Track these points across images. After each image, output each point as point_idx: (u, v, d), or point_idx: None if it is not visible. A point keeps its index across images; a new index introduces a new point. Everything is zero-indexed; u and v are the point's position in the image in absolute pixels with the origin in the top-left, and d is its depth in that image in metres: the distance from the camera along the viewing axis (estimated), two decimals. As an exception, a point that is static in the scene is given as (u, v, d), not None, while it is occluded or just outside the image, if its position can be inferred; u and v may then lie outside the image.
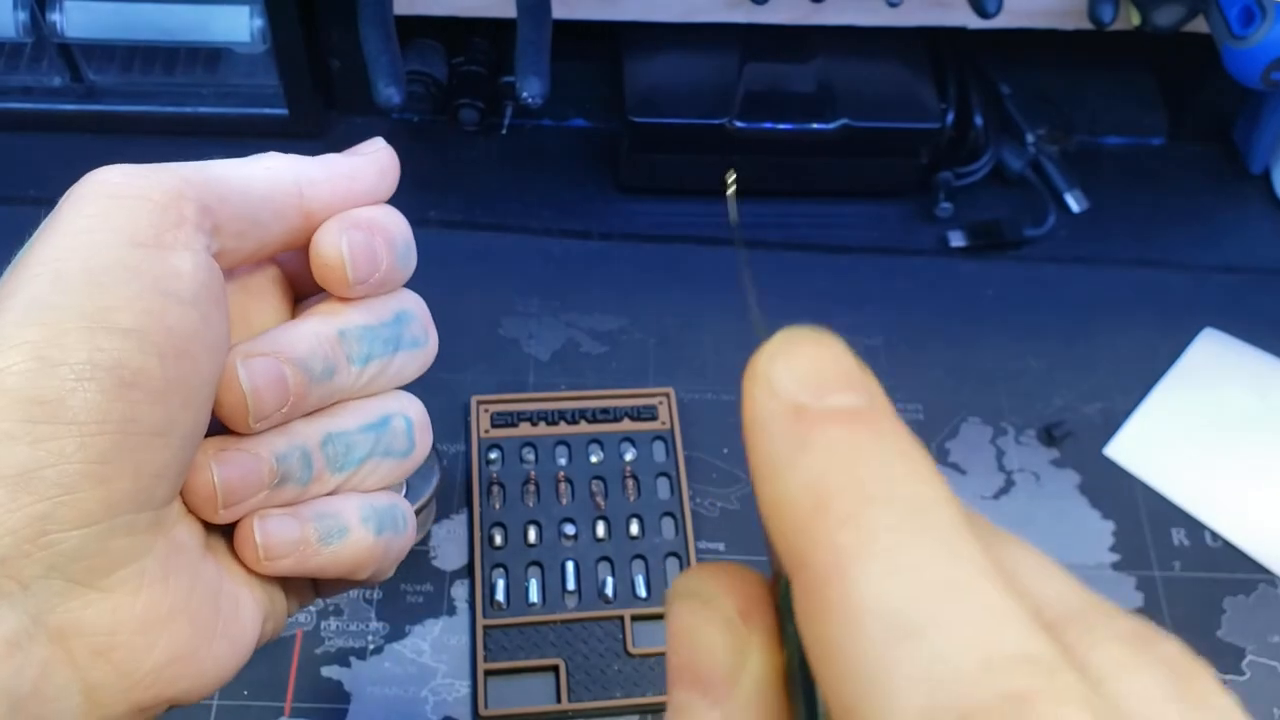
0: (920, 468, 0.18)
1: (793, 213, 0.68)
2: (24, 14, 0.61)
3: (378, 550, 0.30)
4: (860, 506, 0.17)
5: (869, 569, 0.16)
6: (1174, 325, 0.63)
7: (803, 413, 0.19)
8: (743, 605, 0.20)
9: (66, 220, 0.26)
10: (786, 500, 0.18)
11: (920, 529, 0.17)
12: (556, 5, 0.56)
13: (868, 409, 0.19)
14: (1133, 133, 0.72)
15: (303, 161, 0.31)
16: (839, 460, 0.18)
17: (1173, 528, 0.56)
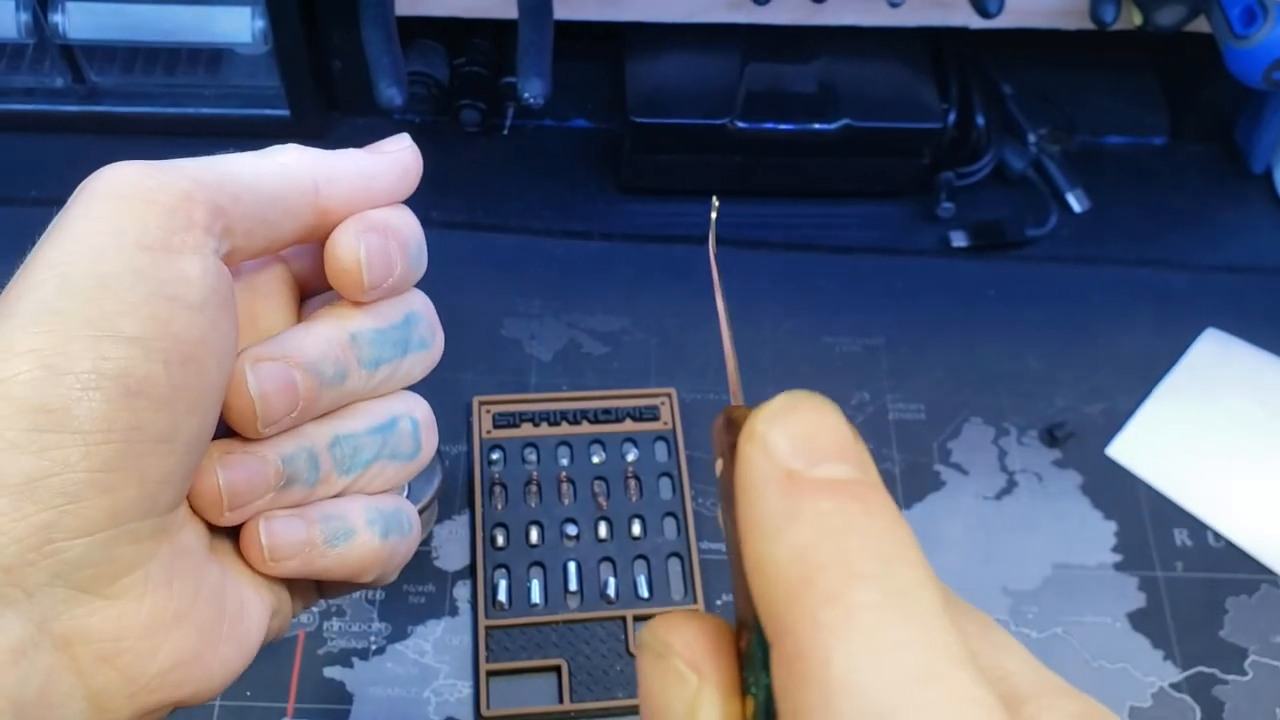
0: (906, 548, 0.18)
1: (794, 213, 0.68)
2: (26, 15, 0.61)
3: (383, 553, 0.30)
4: (845, 584, 0.18)
5: (849, 648, 0.17)
6: (1176, 325, 0.63)
7: (795, 479, 0.19)
8: (695, 657, 0.20)
9: (74, 222, 0.25)
10: (774, 567, 0.18)
11: (902, 612, 0.17)
12: (558, 6, 0.56)
13: (859, 482, 0.19)
14: (1134, 133, 0.72)
15: (321, 158, 0.30)
16: (828, 534, 0.18)
17: (1175, 528, 0.56)
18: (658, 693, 0.20)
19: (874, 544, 0.18)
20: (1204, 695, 0.52)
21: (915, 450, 0.58)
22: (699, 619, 0.21)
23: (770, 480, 0.19)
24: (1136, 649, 0.53)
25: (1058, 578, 0.55)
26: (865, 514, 0.19)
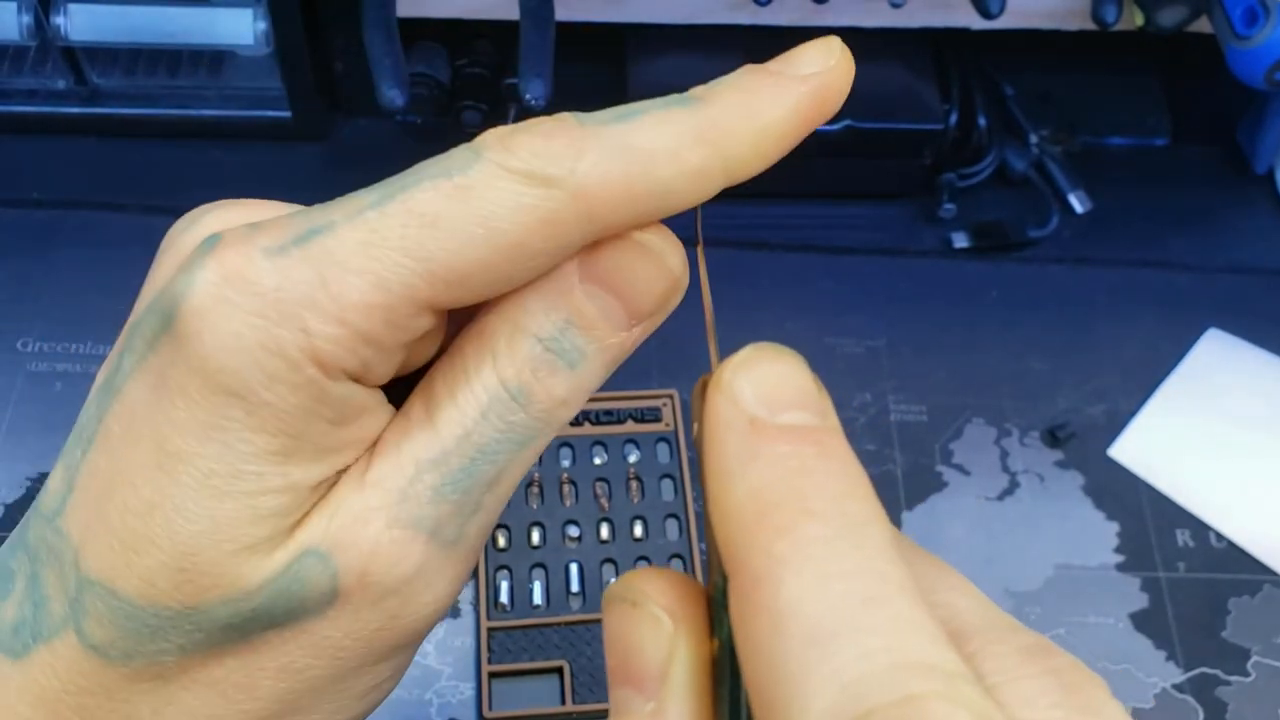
0: (858, 487, 0.19)
1: (795, 214, 0.68)
2: (28, 17, 0.61)
3: None
4: (797, 519, 0.18)
5: (798, 577, 0.18)
6: (1178, 326, 0.63)
7: (757, 425, 0.20)
8: (670, 604, 0.21)
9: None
10: (732, 506, 0.19)
11: (850, 545, 0.18)
12: (559, 7, 0.56)
13: (818, 428, 0.20)
14: (1136, 133, 0.72)
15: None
16: (783, 474, 0.19)
17: (1177, 529, 0.56)
18: (632, 639, 0.21)
19: (827, 483, 0.19)
20: (1207, 696, 0.51)
21: (917, 451, 0.58)
22: (669, 573, 0.22)
23: (733, 426, 0.20)
24: (1139, 650, 0.53)
25: (1060, 578, 0.55)
26: (820, 456, 0.19)
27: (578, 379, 0.24)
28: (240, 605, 0.22)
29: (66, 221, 0.63)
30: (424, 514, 0.23)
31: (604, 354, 0.24)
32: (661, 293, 0.25)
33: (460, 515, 0.23)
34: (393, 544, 0.22)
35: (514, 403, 0.23)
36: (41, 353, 0.58)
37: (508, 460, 0.24)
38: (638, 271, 0.24)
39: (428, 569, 0.23)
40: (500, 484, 0.24)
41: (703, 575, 0.53)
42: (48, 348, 0.58)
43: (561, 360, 0.23)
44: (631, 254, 0.24)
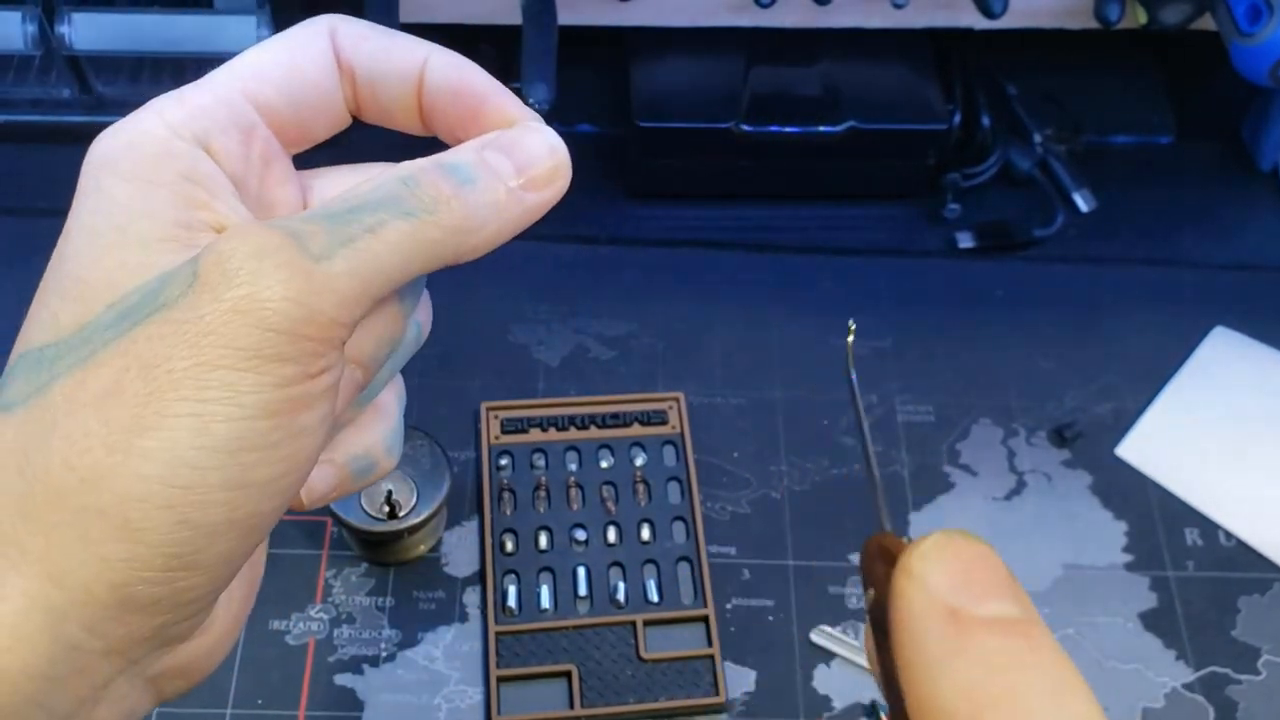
0: (1075, 683, 0.18)
1: (800, 215, 0.68)
2: (32, 27, 0.61)
3: (392, 465, 0.32)
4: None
5: None
6: (1184, 324, 0.63)
7: (958, 616, 0.19)
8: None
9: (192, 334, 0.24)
10: (942, 702, 0.18)
11: None
12: (562, 11, 0.56)
13: (1023, 619, 0.20)
14: (1140, 131, 0.72)
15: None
16: (995, 670, 0.18)
17: (1186, 527, 0.56)
18: None
19: (1043, 680, 0.18)
20: (1217, 695, 0.51)
21: (924, 452, 0.58)
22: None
23: (931, 617, 0.19)
24: (1149, 649, 0.53)
25: (1069, 578, 0.55)
26: (1031, 650, 0.19)
27: (467, 191, 0.27)
28: (115, 306, 0.24)
29: (72, 230, 0.63)
30: (290, 225, 0.25)
31: (493, 191, 0.27)
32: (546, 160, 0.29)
33: (329, 236, 0.25)
34: (253, 232, 0.24)
35: (401, 184, 0.26)
36: (48, 361, 0.58)
37: (388, 217, 0.25)
38: (521, 138, 0.29)
39: (286, 260, 0.24)
40: (379, 236, 0.25)
41: (712, 589, 0.53)
42: (54, 356, 0.58)
43: (454, 174, 0.27)
44: (518, 130, 0.29)
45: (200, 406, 0.23)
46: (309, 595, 0.52)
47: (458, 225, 0.27)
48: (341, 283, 0.24)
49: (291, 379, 0.24)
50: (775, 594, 0.53)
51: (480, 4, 0.61)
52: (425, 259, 0.26)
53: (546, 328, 0.61)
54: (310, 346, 0.24)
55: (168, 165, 0.26)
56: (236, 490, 0.23)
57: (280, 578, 0.52)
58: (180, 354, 0.23)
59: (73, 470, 0.23)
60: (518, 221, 0.28)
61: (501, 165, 0.28)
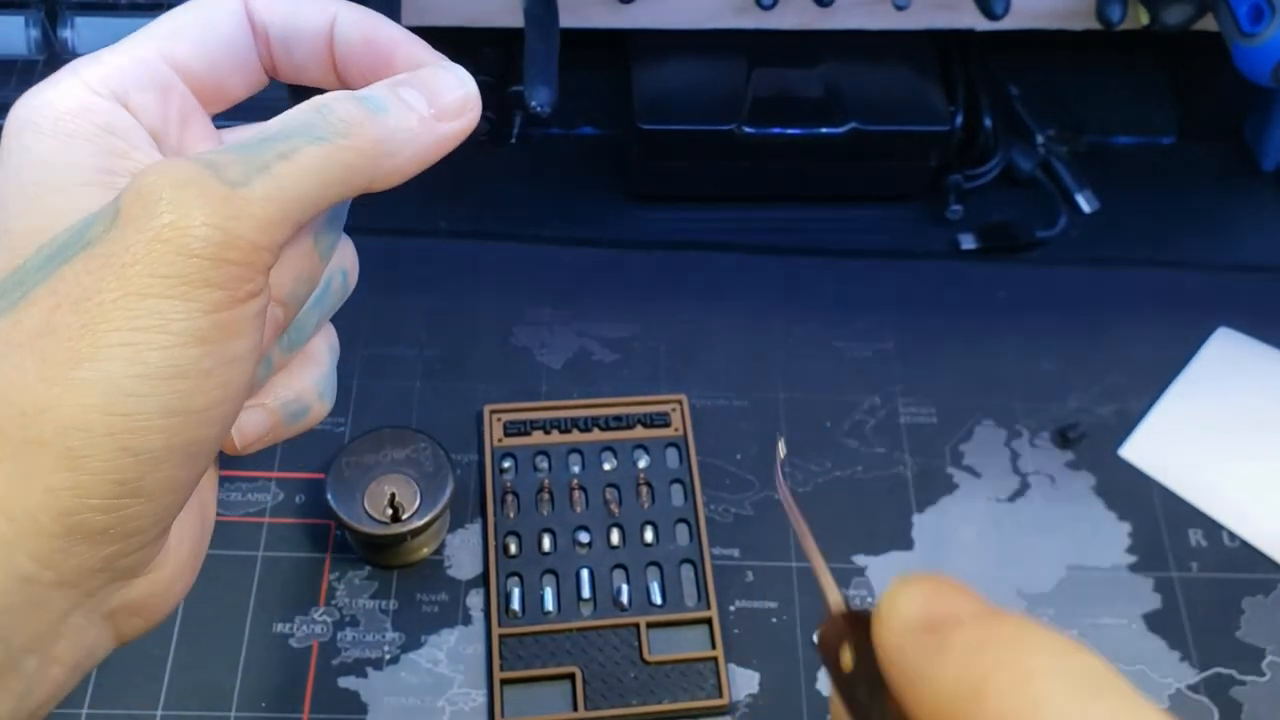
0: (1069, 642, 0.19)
1: (802, 217, 0.68)
2: (36, 31, 0.61)
3: (327, 409, 0.33)
4: (1023, 679, 0.18)
5: None
6: (1187, 325, 0.63)
7: (935, 621, 0.20)
8: None
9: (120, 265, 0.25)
10: (940, 695, 0.18)
11: (1091, 689, 0.18)
12: (564, 14, 0.56)
13: (998, 611, 0.20)
14: (1143, 132, 0.72)
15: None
16: (985, 646, 0.19)
17: (1190, 528, 0.56)
18: None
19: (1034, 641, 0.18)
20: (1222, 697, 0.51)
21: (927, 454, 0.58)
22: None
23: (911, 636, 0.20)
24: (1153, 651, 0.53)
25: (1072, 580, 0.54)
26: (1015, 625, 0.19)
27: (380, 117, 0.28)
28: (44, 250, 0.25)
29: (75, 234, 0.63)
30: (206, 157, 0.25)
31: (406, 118, 0.28)
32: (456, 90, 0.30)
33: (244, 164, 0.25)
34: (171, 165, 0.25)
35: (314, 111, 0.27)
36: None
37: (301, 142, 0.26)
38: (432, 74, 0.30)
39: (203, 188, 0.24)
40: (293, 161, 0.26)
41: (715, 591, 0.53)
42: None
43: (367, 102, 0.28)
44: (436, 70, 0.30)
45: (132, 335, 0.23)
46: (312, 598, 0.52)
47: (372, 148, 0.27)
48: (259, 207, 0.25)
49: (219, 304, 0.24)
50: (779, 596, 0.53)
51: (482, 6, 0.61)
52: (342, 183, 0.27)
53: (549, 330, 0.61)
54: (235, 271, 0.24)
55: (85, 119, 0.27)
56: (174, 417, 0.24)
57: (283, 581, 0.52)
58: (109, 286, 0.23)
59: (11, 405, 0.23)
60: (432, 149, 0.29)
61: (412, 97, 0.29)
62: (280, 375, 0.31)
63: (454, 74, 0.30)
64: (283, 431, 0.31)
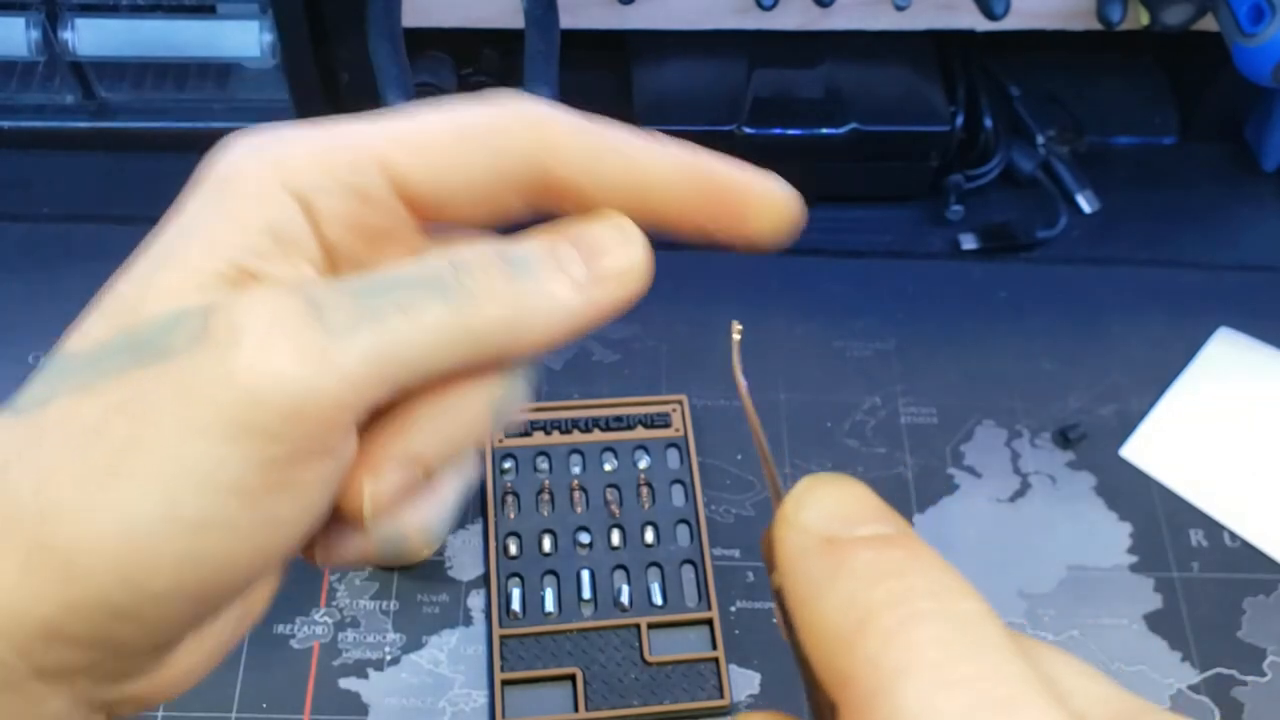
0: (960, 583, 0.18)
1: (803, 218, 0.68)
2: (36, 33, 0.61)
3: (429, 554, 0.31)
4: (904, 622, 0.17)
5: (917, 684, 0.17)
6: (1188, 325, 0.63)
7: (834, 542, 0.19)
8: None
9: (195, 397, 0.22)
10: (827, 622, 0.18)
11: (967, 644, 0.17)
12: (564, 15, 0.56)
13: (898, 534, 0.19)
14: (1144, 132, 0.72)
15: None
16: (878, 579, 0.18)
17: (1191, 528, 0.56)
18: None
19: (924, 582, 0.18)
20: (1223, 697, 0.51)
21: (927, 454, 0.58)
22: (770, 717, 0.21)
23: (809, 551, 0.19)
24: (1154, 651, 0.53)
25: (1073, 580, 0.54)
26: (911, 557, 0.19)
27: (518, 283, 0.24)
28: (129, 334, 0.23)
29: (75, 235, 0.63)
30: (316, 293, 0.23)
31: (553, 283, 0.25)
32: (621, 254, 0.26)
33: (354, 310, 0.23)
34: (273, 295, 0.23)
35: (447, 264, 0.24)
36: (53, 366, 0.58)
37: (424, 300, 0.23)
38: (598, 233, 0.26)
39: (297, 330, 0.22)
40: (409, 317, 0.23)
41: (716, 592, 0.53)
42: (59, 361, 0.59)
43: (507, 263, 0.24)
44: (599, 224, 0.26)
45: (172, 471, 0.22)
46: (313, 599, 0.52)
47: (504, 317, 0.24)
48: (355, 363, 0.22)
49: (276, 461, 0.22)
50: (779, 596, 0.53)
51: (483, 8, 0.61)
52: (464, 352, 0.24)
53: (550, 331, 0.61)
54: (306, 429, 0.22)
55: (254, 210, 0.24)
56: (188, 563, 0.22)
57: (285, 582, 0.52)
58: (169, 409, 0.22)
59: (36, 497, 0.22)
60: (581, 321, 0.25)
61: (568, 256, 0.25)
62: None
63: (621, 229, 0.26)
64: (372, 558, 0.27)
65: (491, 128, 0.25)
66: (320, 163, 0.25)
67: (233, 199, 0.25)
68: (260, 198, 0.24)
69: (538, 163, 0.25)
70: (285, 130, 0.25)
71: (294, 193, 0.24)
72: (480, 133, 0.25)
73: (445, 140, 0.25)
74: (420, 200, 0.25)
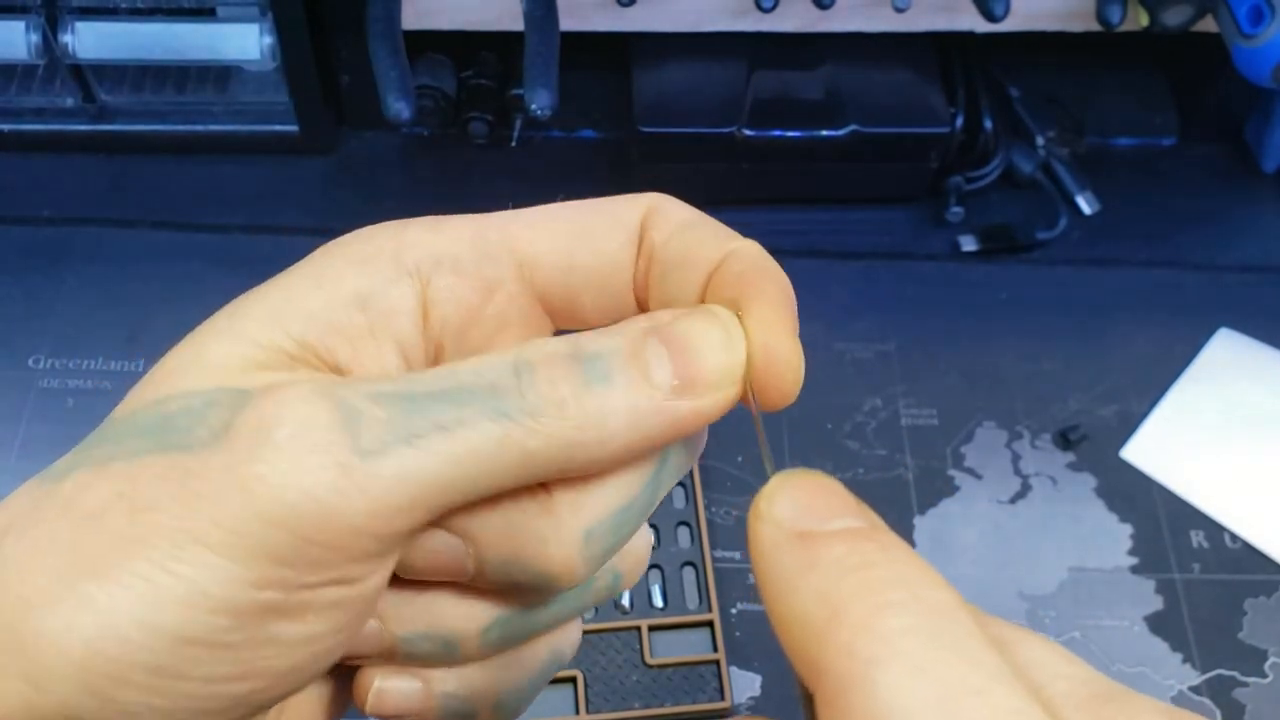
0: (928, 574, 0.18)
1: (803, 219, 0.68)
2: (36, 36, 0.61)
3: None
4: (875, 613, 0.18)
5: (888, 673, 0.17)
6: (1188, 326, 0.63)
7: (807, 536, 0.19)
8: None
9: None
10: (800, 614, 0.18)
11: (937, 633, 0.17)
12: (564, 17, 0.56)
13: (868, 527, 0.19)
14: (1143, 133, 0.72)
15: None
16: (849, 571, 0.18)
17: (1192, 530, 0.56)
18: None
19: (896, 573, 0.18)
20: (1224, 698, 0.51)
21: (928, 455, 0.58)
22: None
23: (781, 545, 0.19)
24: (1155, 652, 0.53)
25: (1074, 581, 0.54)
26: (881, 549, 0.19)
27: (595, 391, 0.21)
28: (159, 407, 0.21)
29: (76, 238, 0.63)
30: (354, 401, 0.20)
31: (633, 395, 0.21)
32: (718, 359, 0.22)
33: (390, 428, 0.20)
34: (307, 398, 0.20)
35: (511, 371, 0.21)
36: (53, 369, 0.58)
37: (472, 417, 0.20)
38: (696, 328, 0.22)
39: (324, 445, 0.20)
40: (455, 437, 0.20)
41: (717, 594, 0.53)
42: (59, 364, 0.59)
43: (583, 368, 0.21)
44: (697, 316, 0.23)
45: (161, 576, 0.19)
46: (314, 602, 0.52)
47: (568, 436, 0.21)
48: (382, 488, 0.20)
49: (277, 582, 0.20)
50: (780, 598, 0.53)
51: (483, 10, 0.61)
52: (515, 473, 0.21)
53: (550, 333, 0.61)
54: (316, 554, 0.20)
55: (350, 276, 0.22)
56: (163, 679, 0.20)
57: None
58: (172, 509, 0.20)
59: (21, 584, 0.20)
60: (659, 434, 0.22)
61: (656, 356, 0.22)
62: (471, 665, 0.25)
63: (724, 328, 0.22)
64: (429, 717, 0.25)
65: (612, 200, 0.25)
66: (449, 241, 0.23)
67: (329, 263, 0.23)
68: (361, 262, 0.22)
69: (648, 245, 0.24)
70: (414, 221, 0.24)
71: (405, 265, 0.23)
72: (603, 205, 0.25)
73: (571, 214, 0.24)
74: (548, 287, 0.24)
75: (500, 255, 0.23)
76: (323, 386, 0.21)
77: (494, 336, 0.24)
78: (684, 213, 0.25)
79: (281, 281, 0.23)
